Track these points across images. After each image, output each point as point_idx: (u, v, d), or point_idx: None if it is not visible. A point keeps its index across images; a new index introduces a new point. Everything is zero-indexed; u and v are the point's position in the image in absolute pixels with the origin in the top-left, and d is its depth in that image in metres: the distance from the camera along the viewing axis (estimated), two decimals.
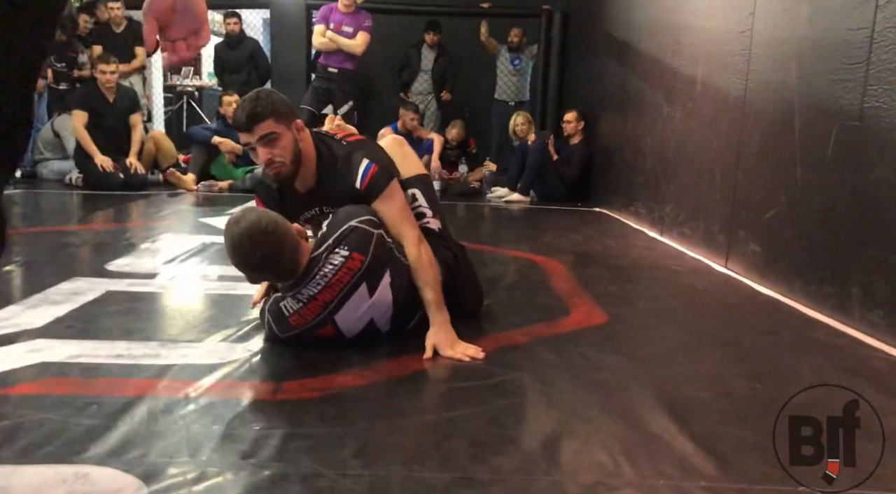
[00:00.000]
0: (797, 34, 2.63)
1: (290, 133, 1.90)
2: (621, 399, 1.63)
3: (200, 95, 10.88)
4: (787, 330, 2.28)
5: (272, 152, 1.88)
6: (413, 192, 2.09)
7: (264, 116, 1.85)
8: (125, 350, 1.81)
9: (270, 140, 1.87)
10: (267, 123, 1.86)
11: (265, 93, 1.93)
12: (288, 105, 1.93)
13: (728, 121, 3.20)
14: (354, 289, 1.82)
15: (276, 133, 1.87)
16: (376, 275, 1.85)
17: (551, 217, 5.06)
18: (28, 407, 1.44)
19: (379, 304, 1.88)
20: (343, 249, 1.80)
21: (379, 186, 1.92)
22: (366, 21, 5.68)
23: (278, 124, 1.87)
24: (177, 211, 4.67)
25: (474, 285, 2.25)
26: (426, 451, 1.34)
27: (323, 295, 1.80)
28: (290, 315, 1.82)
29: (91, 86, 5.65)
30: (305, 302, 1.80)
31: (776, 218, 2.74)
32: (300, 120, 1.96)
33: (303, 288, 1.80)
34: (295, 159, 1.91)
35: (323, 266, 1.79)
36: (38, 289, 2.33)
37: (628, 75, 4.87)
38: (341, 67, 5.70)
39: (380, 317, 1.90)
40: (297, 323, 1.83)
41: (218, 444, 1.32)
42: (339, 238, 1.82)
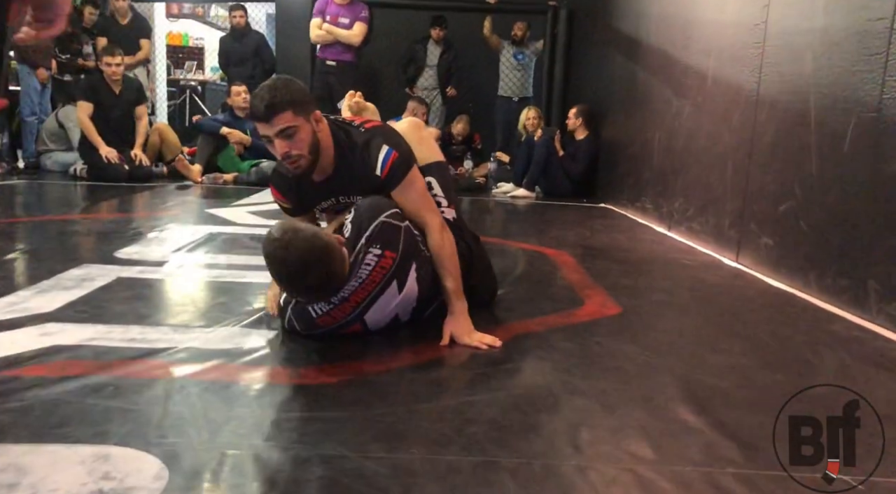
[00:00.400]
0: (813, 25, 2.61)
1: (309, 125, 1.83)
2: (641, 387, 1.62)
3: (203, 89, 10.85)
4: (803, 323, 2.26)
5: (290, 146, 1.82)
6: (429, 180, 2.04)
7: (283, 108, 1.78)
8: (138, 334, 1.79)
9: (289, 133, 1.81)
10: (286, 115, 1.78)
11: (283, 82, 1.83)
12: (306, 94, 1.87)
13: (740, 115, 3.18)
14: (386, 287, 1.79)
15: (295, 126, 1.80)
16: (405, 270, 1.81)
17: (557, 212, 5.04)
18: (42, 387, 1.41)
19: (407, 299, 1.85)
20: (376, 248, 1.76)
21: (400, 173, 1.88)
22: (362, 12, 5.64)
23: (297, 116, 1.80)
24: (182, 202, 4.65)
25: (489, 275, 2.22)
26: (448, 435, 1.32)
27: (355, 296, 1.76)
28: (318, 316, 1.78)
29: (97, 77, 5.63)
30: (337, 304, 1.76)
31: (790, 211, 2.72)
32: (318, 110, 1.90)
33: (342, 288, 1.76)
34: (313, 150, 1.85)
35: (358, 268, 1.75)
36: (47, 275, 2.30)
37: (636, 70, 4.85)
38: (339, 59, 5.66)
39: (405, 311, 1.88)
40: (326, 322, 1.79)
41: (237, 427, 1.30)
42: (371, 236, 1.76)
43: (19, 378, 1.46)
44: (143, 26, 6.84)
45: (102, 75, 5.55)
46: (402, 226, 1.81)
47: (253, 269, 2.57)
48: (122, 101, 5.62)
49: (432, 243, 1.88)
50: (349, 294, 1.75)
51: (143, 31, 6.80)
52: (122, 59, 5.53)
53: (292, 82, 1.86)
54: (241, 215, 3.95)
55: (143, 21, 6.95)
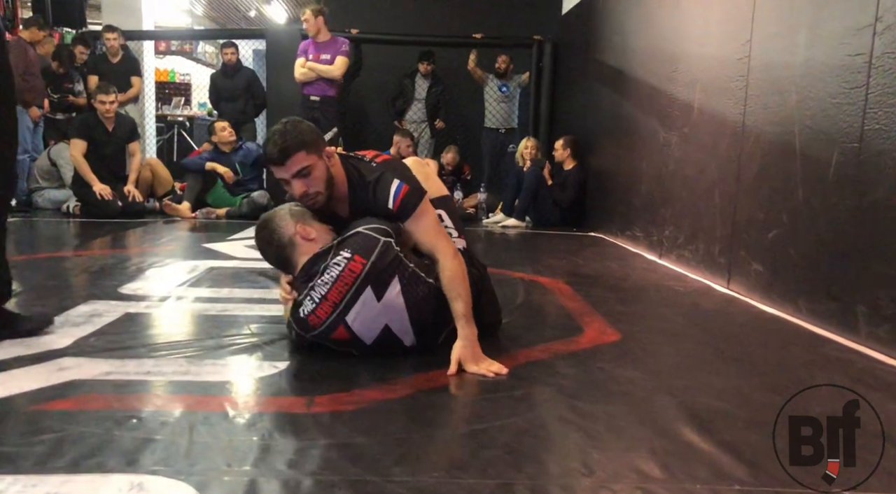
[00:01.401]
0: (795, 60, 2.73)
1: (322, 162, 1.93)
2: (647, 409, 1.67)
3: (191, 125, 10.94)
4: (795, 347, 2.33)
5: (307, 185, 1.92)
6: (440, 213, 2.12)
7: (296, 149, 1.88)
8: (154, 367, 1.83)
9: (304, 173, 1.90)
10: (299, 156, 1.88)
11: (292, 124, 1.93)
12: (316, 133, 1.97)
13: (727, 145, 3.29)
14: (360, 292, 1.86)
15: (309, 165, 1.90)
16: (382, 281, 1.87)
17: (549, 241, 5.13)
18: (69, 421, 1.45)
19: (390, 309, 1.89)
20: (345, 251, 1.87)
21: (411, 205, 1.96)
22: (342, 46, 5.79)
23: (309, 155, 1.90)
24: (177, 237, 4.68)
25: (494, 302, 2.29)
26: (465, 459, 1.37)
27: (331, 295, 1.87)
28: (307, 315, 1.90)
29: (90, 115, 5.69)
30: (318, 303, 1.88)
31: (779, 238, 2.81)
32: (329, 146, 1.99)
33: (315, 287, 1.88)
34: (328, 186, 1.96)
35: (329, 267, 1.87)
36: (57, 312, 2.33)
37: (622, 102, 4.98)
38: (324, 95, 5.79)
39: (398, 325, 1.91)
40: (315, 322, 1.90)
41: (262, 455, 1.34)
42: (343, 240, 1.90)
43: (47, 412, 1.49)
44: (133, 64, 6.93)
45: (96, 113, 5.61)
46: (380, 239, 1.88)
47: (257, 302, 2.63)
48: (116, 138, 5.68)
49: (443, 268, 1.94)
50: (325, 292, 1.87)
51: (134, 69, 6.88)
52: (115, 96, 5.61)
53: (301, 123, 1.95)
54: (238, 249, 3.99)
55: (133, 59, 7.03)
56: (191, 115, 11.28)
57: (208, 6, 13.53)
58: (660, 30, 4.28)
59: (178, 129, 10.41)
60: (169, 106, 11.42)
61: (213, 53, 13.67)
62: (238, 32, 10.63)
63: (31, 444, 1.33)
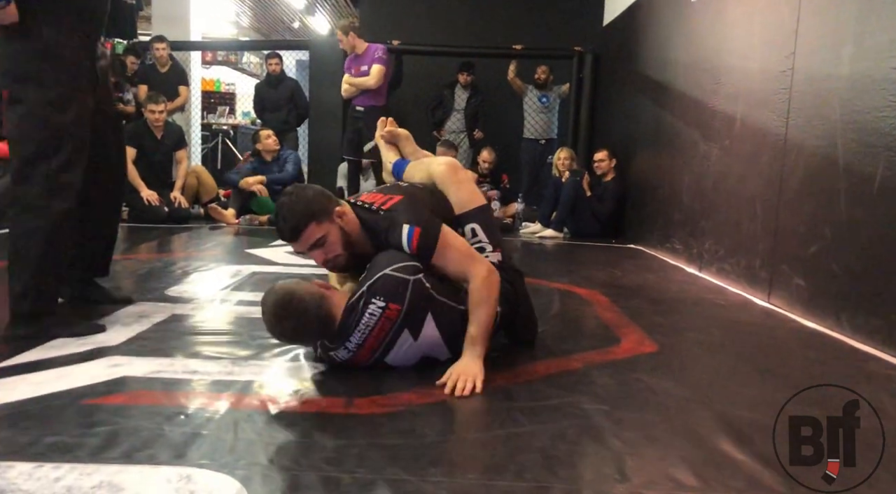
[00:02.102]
0: (840, 72, 2.70)
1: (335, 225, 1.91)
2: (682, 420, 1.68)
3: (235, 134, 11.18)
4: (837, 361, 2.30)
5: (325, 253, 1.92)
6: (472, 227, 2.07)
7: (306, 224, 1.86)
8: (199, 366, 1.90)
9: (319, 244, 1.90)
10: (310, 230, 1.87)
11: (298, 196, 1.90)
12: (322, 199, 1.92)
13: (769, 158, 3.27)
14: (397, 336, 1.85)
15: (323, 235, 1.89)
16: (417, 320, 1.85)
17: (587, 252, 5.12)
18: (121, 415, 1.52)
19: (428, 342, 1.90)
20: (379, 300, 1.80)
21: (429, 246, 1.88)
22: (377, 53, 5.85)
23: (321, 225, 1.88)
24: (221, 242, 4.80)
25: (530, 315, 2.27)
26: (501, 463, 1.39)
27: (368, 344, 1.84)
28: (342, 360, 1.88)
29: (140, 123, 5.86)
30: (354, 351, 1.85)
31: (821, 252, 2.78)
32: (339, 206, 1.95)
33: (350, 337, 1.83)
34: (347, 246, 1.93)
35: (361, 316, 1.81)
36: (106, 312, 2.43)
37: (663, 114, 4.97)
38: (367, 105, 5.87)
39: (436, 352, 1.93)
40: (352, 364, 1.89)
41: (303, 452, 1.39)
42: (373, 288, 1.81)
43: (101, 406, 1.57)
44: (181, 74, 7.12)
45: (145, 121, 5.79)
46: (409, 280, 1.82)
47: None
48: (164, 146, 5.84)
49: (471, 290, 1.90)
50: (361, 341, 1.83)
51: (182, 78, 7.08)
52: (164, 106, 5.78)
53: (305, 192, 1.93)
54: (279, 255, 4.08)
55: (181, 69, 7.23)
56: (235, 124, 11.53)
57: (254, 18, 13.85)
58: (702, 42, 4.27)
59: (222, 138, 10.65)
60: (214, 115, 11.70)
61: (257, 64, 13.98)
62: (282, 43, 10.84)
63: (87, 436, 1.40)
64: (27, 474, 1.22)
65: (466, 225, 2.08)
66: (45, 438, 1.38)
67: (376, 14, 8.02)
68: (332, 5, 12.65)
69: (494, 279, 1.94)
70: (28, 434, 1.40)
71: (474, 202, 2.14)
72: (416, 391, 1.78)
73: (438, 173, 2.15)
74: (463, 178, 2.16)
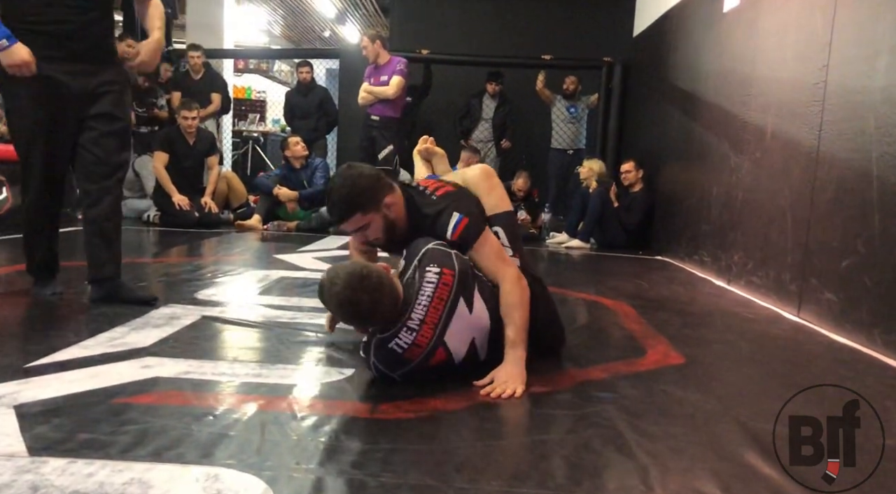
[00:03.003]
0: (875, 85, 2.67)
1: (380, 214, 2.00)
2: (708, 432, 1.66)
3: (265, 141, 11.31)
4: (868, 377, 2.26)
5: (365, 236, 2.05)
6: (496, 230, 2.12)
7: (352, 212, 1.97)
8: (228, 369, 1.92)
9: (363, 229, 2.02)
10: (355, 219, 1.99)
11: (349, 183, 1.96)
12: (371, 191, 1.97)
13: (800, 171, 3.23)
14: (455, 305, 1.85)
15: (366, 223, 2.00)
16: (468, 288, 1.88)
17: (613, 263, 5.09)
18: (152, 414, 1.55)
19: (478, 322, 1.91)
20: (433, 267, 1.85)
21: (471, 237, 2.00)
22: (398, 66, 5.90)
23: (366, 215, 1.98)
24: (250, 247, 4.85)
25: (554, 322, 2.26)
26: (524, 470, 1.39)
27: (430, 317, 1.81)
28: (404, 350, 1.80)
29: (173, 129, 5.97)
30: (418, 330, 1.80)
31: (853, 266, 2.74)
32: (389, 195, 2.01)
33: (412, 314, 1.81)
34: (388, 231, 2.04)
35: (421, 286, 1.83)
36: (139, 314, 2.48)
37: (693, 125, 4.93)
38: (383, 115, 5.92)
39: (481, 339, 1.94)
40: (413, 355, 1.81)
41: (328, 455, 1.40)
42: (423, 259, 1.88)
43: (132, 405, 1.60)
44: (215, 81, 7.23)
45: (178, 127, 5.89)
46: (451, 251, 1.91)
47: (324, 312, 2.70)
48: (196, 152, 5.94)
49: (503, 293, 1.96)
50: (424, 315, 1.81)
51: (215, 86, 7.18)
52: (197, 112, 5.88)
53: (358, 181, 1.97)
54: (307, 260, 4.12)
55: (215, 76, 7.34)
56: (265, 131, 11.68)
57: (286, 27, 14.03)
58: (733, 53, 4.24)
59: (252, 145, 10.78)
60: (244, 122, 11.85)
61: (287, 72, 14.16)
62: (313, 52, 10.99)
63: (118, 433, 1.43)
64: (60, 469, 1.25)
65: (492, 227, 2.14)
66: (77, 435, 1.41)
67: (406, 23, 8.08)
68: (363, 15, 12.77)
69: (524, 283, 2.01)
70: (61, 430, 1.44)
71: (502, 207, 2.21)
72: (441, 397, 1.79)
73: (472, 176, 2.22)
74: (495, 184, 2.23)
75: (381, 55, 5.92)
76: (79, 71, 2.60)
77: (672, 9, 5.71)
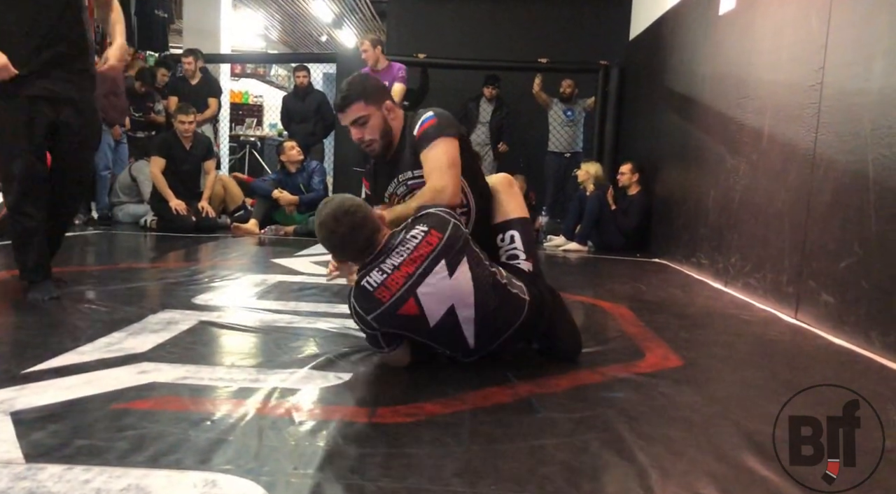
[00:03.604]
0: (871, 87, 2.68)
1: (380, 113, 2.14)
2: (707, 435, 1.66)
3: (262, 145, 11.32)
4: (866, 380, 2.26)
5: (363, 132, 2.15)
6: (512, 234, 2.18)
7: (355, 99, 2.11)
8: (225, 373, 1.92)
9: (361, 122, 2.12)
10: (357, 106, 2.11)
11: (359, 78, 2.19)
12: (379, 89, 2.17)
13: (797, 173, 3.24)
14: (434, 264, 1.88)
15: (366, 115, 2.12)
16: (455, 257, 1.90)
17: (611, 266, 5.10)
18: (149, 420, 1.54)
19: (458, 289, 1.90)
20: (422, 225, 1.93)
21: (430, 134, 2.08)
22: (398, 72, 5.93)
23: (367, 106, 2.12)
24: (247, 252, 4.85)
25: (571, 329, 2.28)
26: (523, 474, 1.39)
27: (405, 267, 1.87)
28: (375, 288, 1.87)
29: (170, 134, 5.97)
30: (389, 273, 1.87)
31: (850, 268, 2.74)
32: (392, 104, 2.17)
33: (386, 259, 1.88)
34: (385, 135, 2.15)
35: (403, 239, 1.91)
36: (136, 319, 2.47)
37: (689, 128, 4.94)
38: None
39: (463, 310, 1.91)
40: (383, 296, 1.87)
41: (326, 460, 1.39)
42: (418, 219, 1.96)
43: (129, 411, 1.59)
44: (212, 86, 7.23)
45: (175, 132, 5.89)
46: (451, 219, 1.95)
47: (322, 315, 2.71)
48: (192, 156, 5.93)
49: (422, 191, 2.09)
50: (399, 262, 1.87)
51: (212, 91, 7.18)
52: (194, 117, 5.87)
53: (367, 78, 2.20)
54: (304, 265, 4.11)
55: (212, 81, 7.34)
56: (262, 136, 11.68)
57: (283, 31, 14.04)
58: (729, 56, 4.25)
59: (249, 149, 10.79)
60: (242, 126, 11.86)
61: (284, 76, 14.17)
62: (310, 56, 10.99)
63: (115, 439, 1.42)
64: (57, 476, 1.25)
65: (508, 230, 2.19)
66: (74, 441, 1.41)
67: (403, 28, 8.10)
68: (360, 19, 12.79)
69: (445, 198, 2.05)
70: (58, 437, 1.43)
71: (519, 212, 2.26)
72: (440, 401, 1.78)
73: (496, 180, 2.30)
74: (515, 192, 2.30)
75: (380, 60, 5.94)
76: (57, 77, 2.69)
77: (668, 12, 5.73)
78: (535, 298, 2.07)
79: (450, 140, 2.10)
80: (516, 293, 2.02)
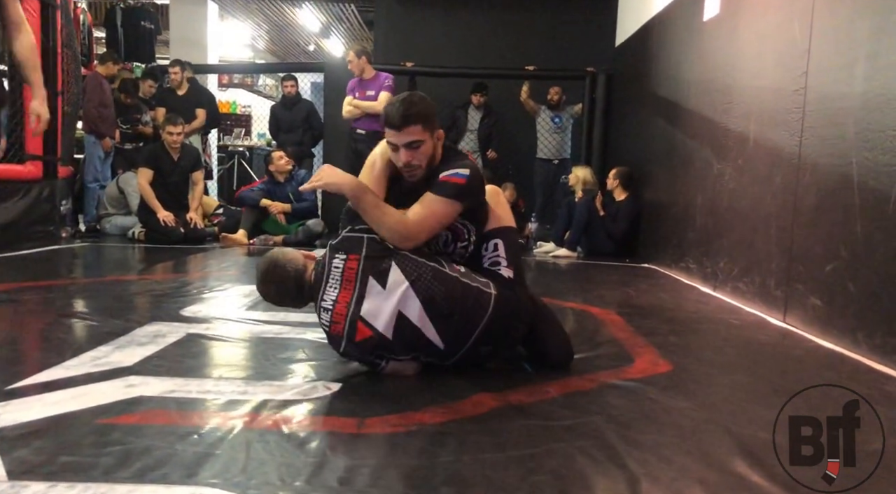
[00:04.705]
0: (854, 91, 2.70)
1: (432, 141, 2.07)
2: (697, 441, 1.66)
3: (251, 155, 11.29)
4: (853, 382, 2.26)
5: (413, 156, 2.05)
6: (496, 242, 2.16)
7: (415, 121, 2.01)
8: (213, 386, 1.90)
9: (415, 146, 2.03)
10: (415, 129, 2.01)
11: (419, 97, 2.09)
12: (434, 113, 2.09)
13: (782, 177, 3.26)
14: (365, 285, 1.94)
15: (422, 140, 2.03)
16: (381, 269, 1.94)
17: (600, 272, 5.11)
18: (135, 435, 1.52)
19: (395, 291, 1.92)
20: (340, 254, 2.00)
21: (448, 190, 2.03)
22: (386, 82, 5.96)
23: (424, 131, 2.03)
24: (235, 263, 4.83)
25: (562, 338, 2.28)
26: (514, 484, 1.38)
27: (343, 296, 1.96)
28: (329, 326, 1.98)
29: (158, 145, 5.95)
30: (332, 307, 1.97)
31: (837, 271, 2.76)
32: (441, 130, 2.13)
33: (324, 295, 1.98)
34: (430, 163, 2.09)
35: (328, 271, 1.99)
36: (123, 332, 2.45)
37: (676, 133, 4.97)
38: (369, 129, 5.97)
39: (413, 312, 1.93)
40: (338, 331, 1.96)
41: (314, 472, 1.38)
42: (334, 246, 2.05)
43: (115, 425, 1.57)
44: (199, 96, 7.21)
45: (163, 143, 5.86)
46: (364, 237, 2.00)
47: (310, 326, 2.69)
48: (180, 167, 5.91)
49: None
50: (336, 294, 1.97)
51: (200, 101, 7.16)
52: (182, 127, 5.85)
53: (426, 99, 2.10)
54: None
55: (201, 91, 7.32)
56: (250, 145, 11.65)
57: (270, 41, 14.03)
58: (714, 61, 4.28)
59: (237, 159, 10.76)
60: (230, 136, 11.83)
61: (272, 85, 14.15)
62: (298, 66, 10.98)
63: (101, 455, 1.40)
64: (41, 493, 1.23)
65: (492, 239, 2.18)
66: (59, 457, 1.39)
67: (391, 36, 8.11)
68: (347, 29, 12.80)
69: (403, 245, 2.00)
70: (42, 453, 1.41)
71: (505, 222, 2.25)
72: (429, 411, 1.78)
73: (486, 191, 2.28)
74: (502, 202, 2.30)
75: (366, 70, 5.96)
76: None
77: (653, 19, 5.76)
78: (504, 296, 2.06)
79: (457, 206, 2.06)
80: (476, 286, 2.02)
